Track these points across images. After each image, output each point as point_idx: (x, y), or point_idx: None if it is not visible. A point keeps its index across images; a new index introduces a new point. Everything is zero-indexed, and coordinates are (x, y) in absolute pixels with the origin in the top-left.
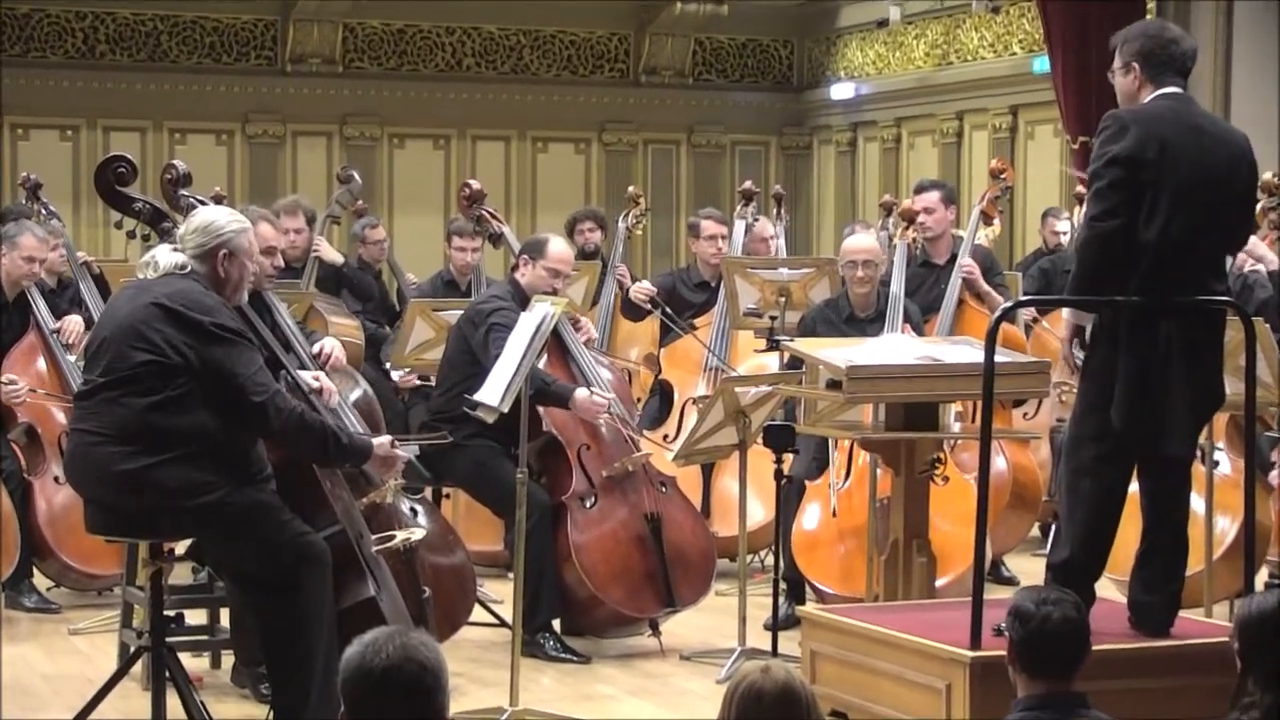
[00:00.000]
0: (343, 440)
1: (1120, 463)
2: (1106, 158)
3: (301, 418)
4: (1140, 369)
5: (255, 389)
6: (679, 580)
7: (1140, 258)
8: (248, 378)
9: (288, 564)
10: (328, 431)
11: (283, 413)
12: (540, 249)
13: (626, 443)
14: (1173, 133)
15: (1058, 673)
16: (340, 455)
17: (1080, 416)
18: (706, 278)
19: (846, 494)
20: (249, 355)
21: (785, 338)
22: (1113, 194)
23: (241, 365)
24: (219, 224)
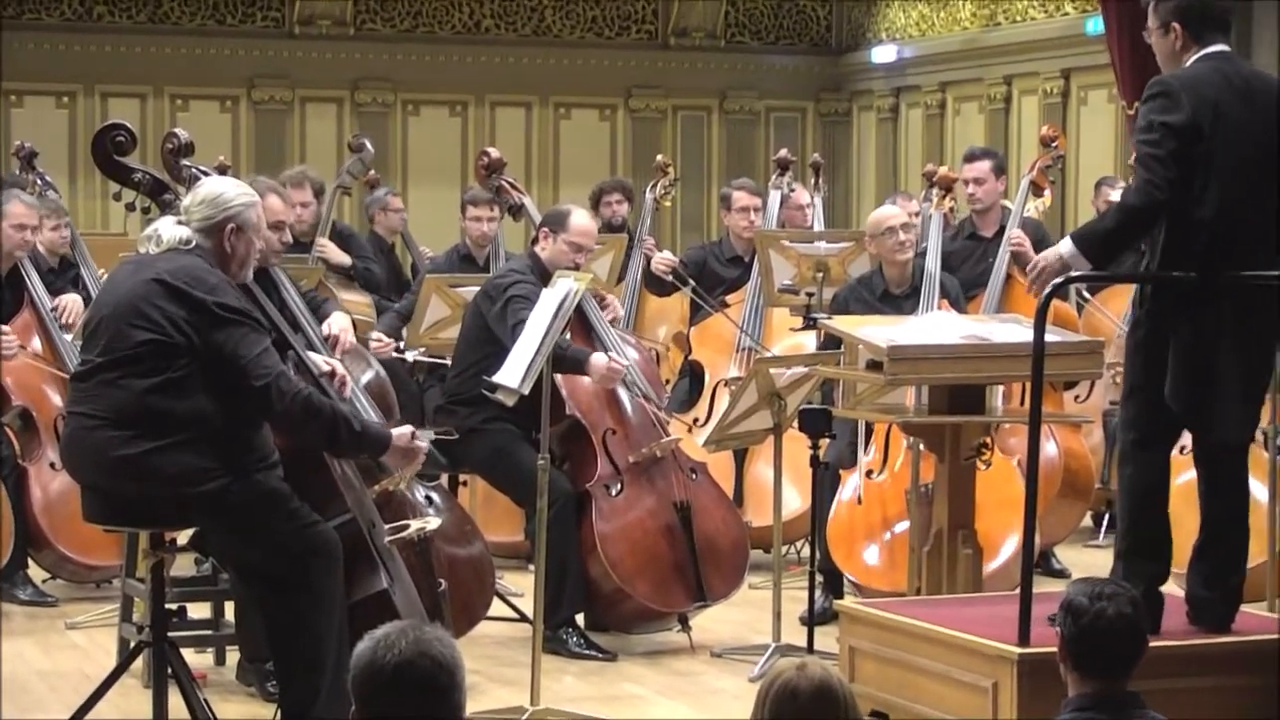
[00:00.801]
0: (355, 427)
1: (1159, 448)
2: (1161, 128)
3: (309, 401)
4: (1191, 350)
5: (258, 372)
6: (710, 572)
7: (1194, 235)
8: (251, 360)
9: (296, 555)
10: (338, 417)
11: (286, 395)
12: (562, 221)
13: (654, 427)
14: (1224, 99)
15: (1111, 671)
16: (353, 444)
17: (1123, 400)
18: (739, 252)
19: (879, 484)
20: (254, 337)
21: (822, 315)
22: (1166, 167)
23: (245, 347)
24: (227, 196)
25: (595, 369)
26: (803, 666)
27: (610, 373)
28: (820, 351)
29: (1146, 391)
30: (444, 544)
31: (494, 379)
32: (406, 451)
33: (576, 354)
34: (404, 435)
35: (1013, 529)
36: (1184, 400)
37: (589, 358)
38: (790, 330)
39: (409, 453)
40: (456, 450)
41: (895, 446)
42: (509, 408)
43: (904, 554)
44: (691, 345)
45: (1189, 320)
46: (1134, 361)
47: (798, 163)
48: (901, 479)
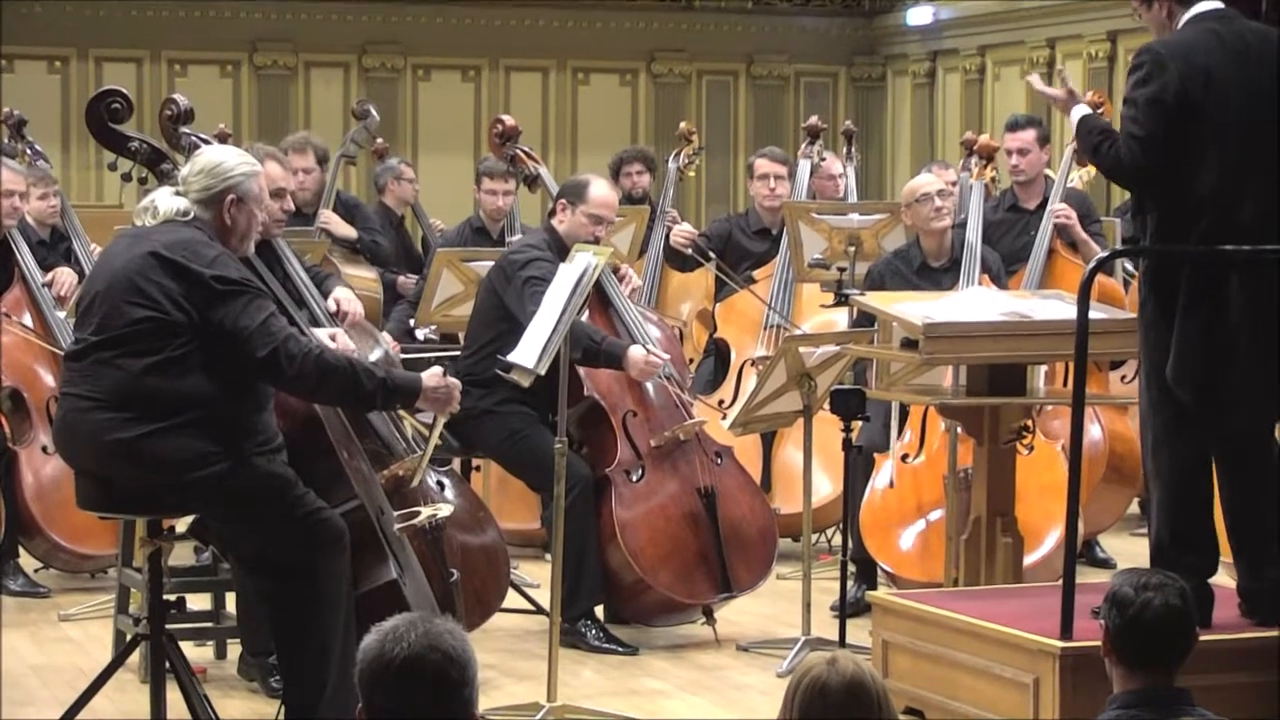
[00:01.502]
0: (378, 375)
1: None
2: (1145, 105)
3: (321, 359)
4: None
5: (263, 340)
6: (736, 562)
7: (1193, 210)
8: (255, 329)
9: (301, 543)
10: (358, 369)
11: (296, 359)
12: (580, 192)
13: (678, 408)
14: (1217, 63)
15: (1159, 666)
16: (381, 394)
17: (1144, 384)
18: (766, 224)
19: (915, 469)
20: (256, 304)
21: (855, 291)
22: (1147, 151)
23: (246, 317)
24: (227, 166)
25: (633, 363)
26: (833, 661)
27: (649, 366)
28: (852, 329)
29: (1162, 374)
30: (456, 532)
31: (509, 359)
32: (439, 392)
33: (612, 348)
34: (434, 375)
35: (1055, 516)
36: (1189, 384)
37: (625, 351)
38: (821, 307)
39: (445, 394)
40: (470, 433)
41: (932, 430)
42: (524, 389)
43: (940, 543)
44: (716, 323)
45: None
46: (1146, 342)
47: (829, 130)
48: (938, 464)
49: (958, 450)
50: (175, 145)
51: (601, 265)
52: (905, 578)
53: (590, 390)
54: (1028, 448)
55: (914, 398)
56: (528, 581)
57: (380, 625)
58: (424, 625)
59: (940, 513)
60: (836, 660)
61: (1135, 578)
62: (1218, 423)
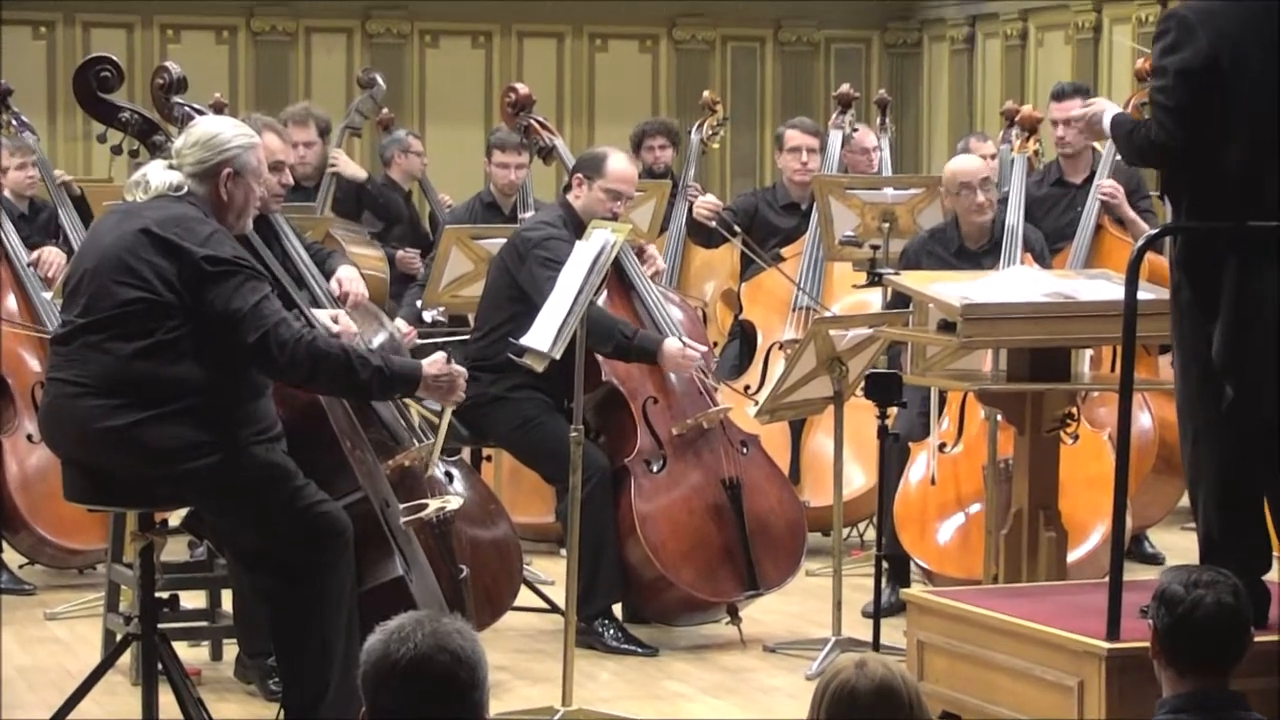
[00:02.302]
0: (373, 363)
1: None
2: (1174, 75)
3: (314, 346)
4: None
5: (254, 324)
6: (763, 558)
7: (1224, 185)
8: (247, 312)
9: (301, 538)
10: (352, 356)
11: (288, 345)
12: (597, 166)
13: (701, 395)
14: (1247, 27)
15: (1211, 668)
16: (379, 383)
17: (1180, 373)
18: (795, 199)
19: (953, 459)
20: (250, 286)
21: (889, 270)
22: (1177, 122)
23: (239, 300)
24: (224, 138)
25: (669, 357)
26: (863, 664)
27: (685, 360)
28: (886, 311)
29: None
30: (466, 526)
31: (521, 342)
32: (442, 379)
33: (645, 343)
34: (436, 362)
35: (1101, 510)
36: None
37: (660, 346)
38: (853, 287)
39: (447, 382)
40: (481, 421)
41: (970, 417)
42: (538, 374)
43: (979, 537)
44: (742, 303)
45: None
46: (1182, 329)
47: (861, 100)
48: (977, 453)
49: (998, 439)
50: (168, 116)
51: (620, 243)
52: (942, 574)
53: (608, 375)
54: (1072, 436)
55: (951, 383)
56: (541, 578)
57: (385, 624)
58: (431, 624)
59: (979, 506)
60: (866, 663)
61: (1185, 575)
62: (1267, 411)
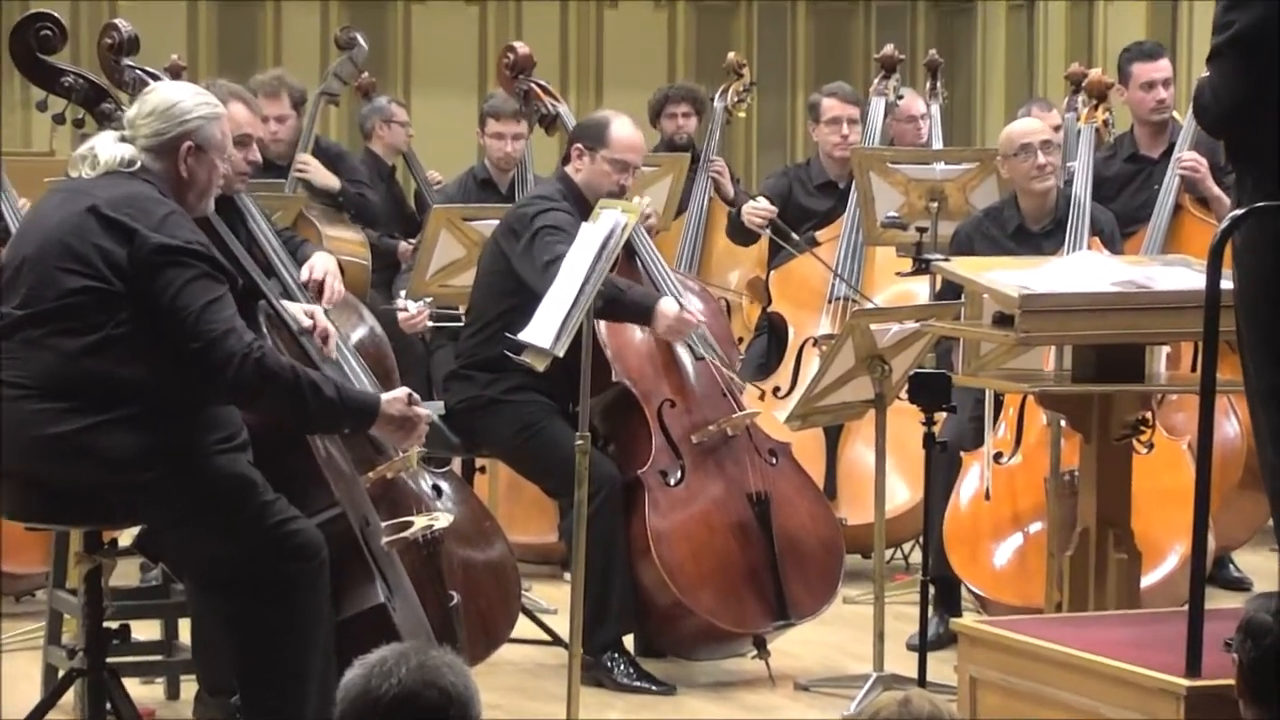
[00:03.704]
0: (326, 393)
1: None
2: (1229, 33)
3: (262, 364)
4: None
5: (201, 329)
6: (794, 583)
7: None
8: (195, 314)
9: (269, 559)
10: (302, 381)
11: (233, 360)
12: (599, 134)
13: (724, 397)
14: None
15: None
16: (327, 415)
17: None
18: (832, 176)
19: (1010, 470)
20: (201, 284)
21: (938, 256)
22: (1232, 88)
23: (187, 296)
24: (184, 107)
25: (662, 316)
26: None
27: (679, 323)
28: (935, 302)
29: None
30: (457, 546)
31: (519, 337)
32: (402, 421)
33: (639, 297)
34: (397, 400)
35: (1179, 528)
36: None
37: (656, 303)
38: (896, 275)
39: (406, 423)
40: (474, 426)
41: (1030, 423)
42: (539, 374)
43: (1040, 560)
44: (772, 294)
45: None
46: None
47: (907, 62)
48: (1038, 464)
49: (1061, 448)
50: (118, 81)
51: (632, 225)
52: (997, 602)
53: (619, 375)
54: (1146, 445)
55: (1008, 385)
56: (543, 606)
57: (365, 658)
58: (418, 657)
59: (1040, 524)
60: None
61: (1275, 602)
62: None
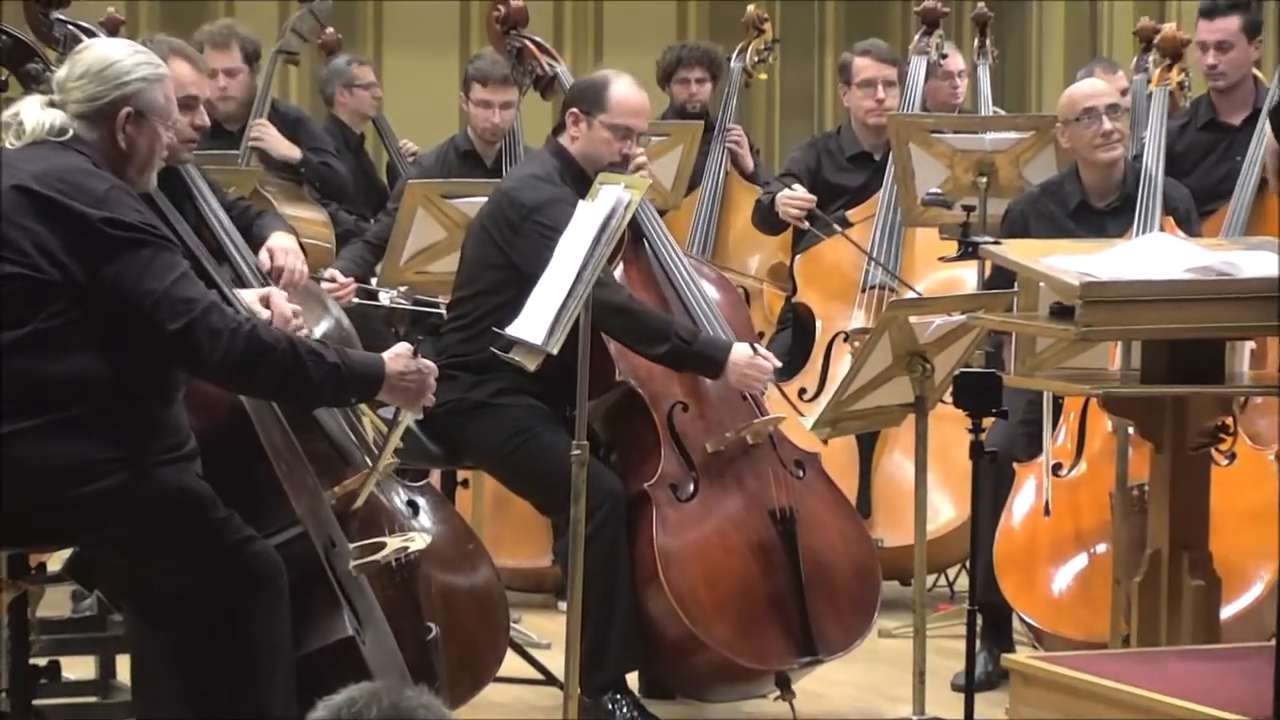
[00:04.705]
0: (330, 359)
1: None
2: None
3: (253, 336)
4: None
5: (177, 308)
6: (822, 613)
7: None
8: (164, 293)
9: (221, 585)
10: (301, 351)
11: (221, 336)
12: (597, 96)
13: (744, 400)
14: None
15: None
16: (334, 386)
17: None
18: (866, 147)
19: (1070, 484)
20: (164, 260)
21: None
22: None
23: (151, 277)
24: (122, 67)
25: (735, 368)
26: None
27: (754, 371)
28: (983, 292)
29: None
30: (436, 571)
31: (508, 332)
32: (411, 380)
33: (707, 348)
34: (400, 356)
35: (1264, 551)
36: None
37: (728, 353)
38: (939, 260)
39: (416, 381)
40: (455, 435)
41: (1093, 430)
42: (530, 374)
43: (1105, 586)
44: (797, 281)
45: None
46: None
47: (951, 16)
48: (1102, 477)
49: (1129, 459)
50: (46, 38)
51: (636, 203)
52: (1055, 635)
53: (624, 374)
54: (1226, 456)
55: (1068, 386)
56: (534, 640)
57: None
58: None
59: (1105, 545)
60: None
61: None
62: None
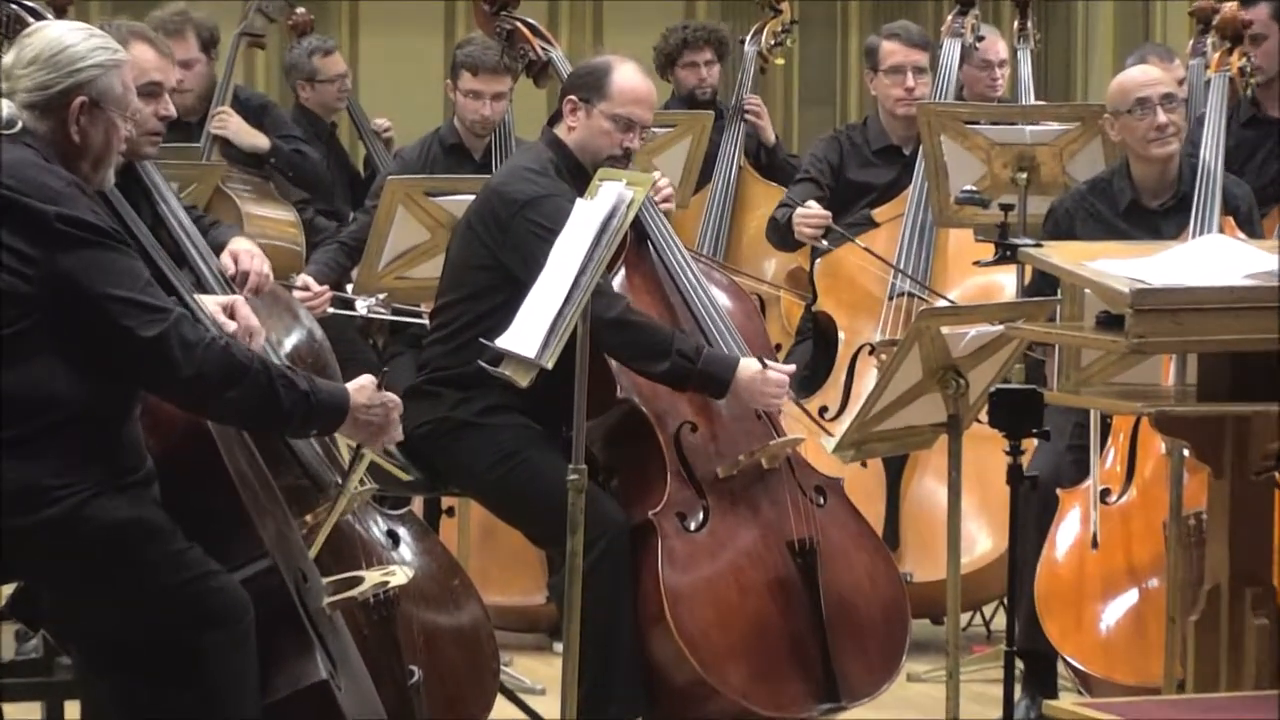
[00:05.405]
0: (300, 387)
1: None
2: None
3: (229, 354)
4: None
5: (146, 316)
6: (846, 655)
7: None
8: (129, 301)
9: (180, 624)
10: (272, 375)
11: (195, 349)
12: (598, 82)
13: (759, 420)
14: None
15: None
16: (302, 415)
17: None
18: (894, 140)
19: (1120, 512)
20: (125, 265)
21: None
22: None
23: (114, 281)
24: (75, 53)
25: (745, 386)
26: None
27: (769, 388)
28: (1023, 299)
29: None
30: (418, 609)
31: (498, 344)
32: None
33: (713, 365)
34: (364, 389)
35: None
36: None
37: (735, 368)
38: (975, 265)
39: (377, 415)
40: (440, 458)
41: (1145, 453)
42: (522, 390)
43: (1158, 626)
44: (817, 288)
45: None
46: None
47: None
48: (1155, 505)
49: (1184, 485)
50: None
51: (640, 201)
52: (1104, 679)
53: (626, 390)
54: None
55: (1117, 404)
56: (527, 685)
57: None
58: None
59: (1158, 580)
60: None
61: None
62: None
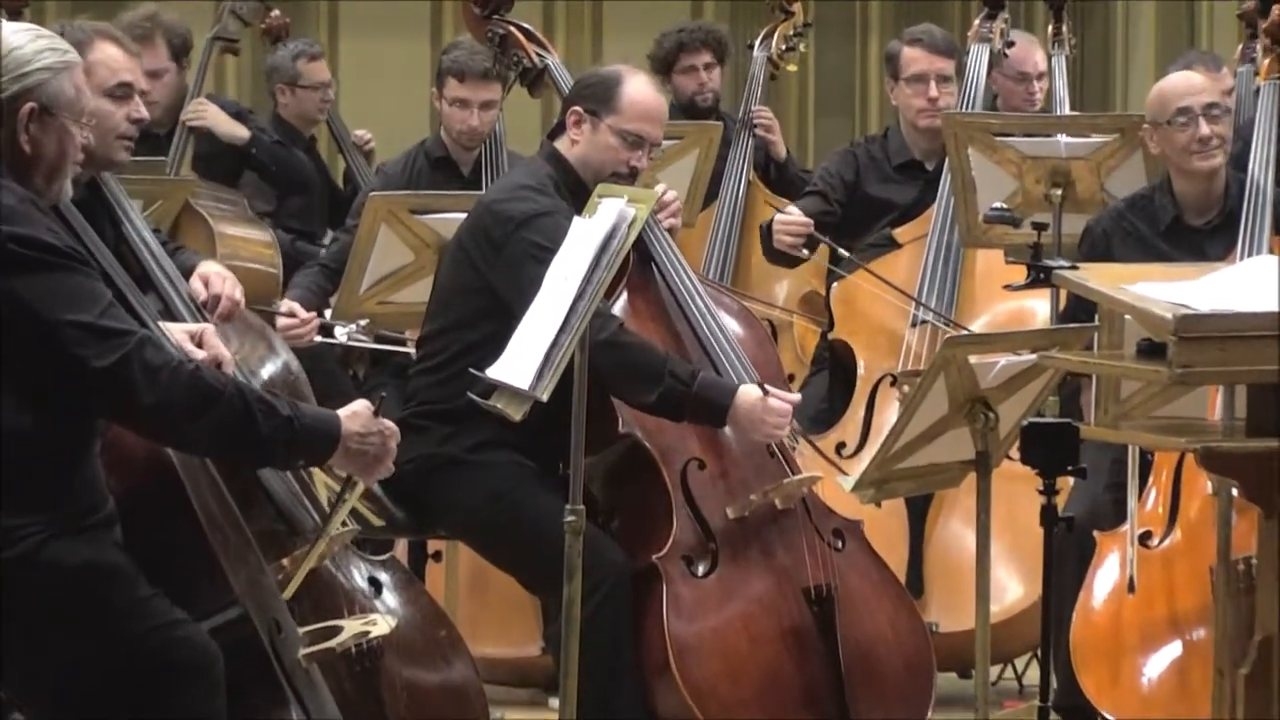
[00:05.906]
0: (282, 412)
1: None
2: None
3: (198, 379)
4: None
5: (103, 343)
6: (865, 710)
7: None
8: (88, 326)
9: (143, 678)
10: (248, 400)
11: (160, 375)
12: (608, 94)
13: (772, 457)
14: None
15: None
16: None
17: None
18: (917, 154)
19: (1162, 556)
20: (86, 288)
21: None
22: None
23: (72, 306)
24: (21, 56)
25: (744, 414)
26: None
27: (770, 417)
28: (1058, 326)
29: None
30: (401, 662)
31: (489, 375)
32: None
33: (710, 391)
34: (358, 415)
35: None
36: None
37: (732, 396)
38: (1005, 289)
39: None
40: (426, 498)
41: (1190, 493)
42: (516, 425)
43: (1205, 678)
44: (834, 314)
45: None
46: None
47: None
48: (1201, 549)
49: (1232, 527)
50: None
51: (643, 220)
52: None
53: (629, 425)
54: None
55: (1159, 439)
56: None
57: None
58: None
59: (1204, 630)
60: None
61: None
62: None
